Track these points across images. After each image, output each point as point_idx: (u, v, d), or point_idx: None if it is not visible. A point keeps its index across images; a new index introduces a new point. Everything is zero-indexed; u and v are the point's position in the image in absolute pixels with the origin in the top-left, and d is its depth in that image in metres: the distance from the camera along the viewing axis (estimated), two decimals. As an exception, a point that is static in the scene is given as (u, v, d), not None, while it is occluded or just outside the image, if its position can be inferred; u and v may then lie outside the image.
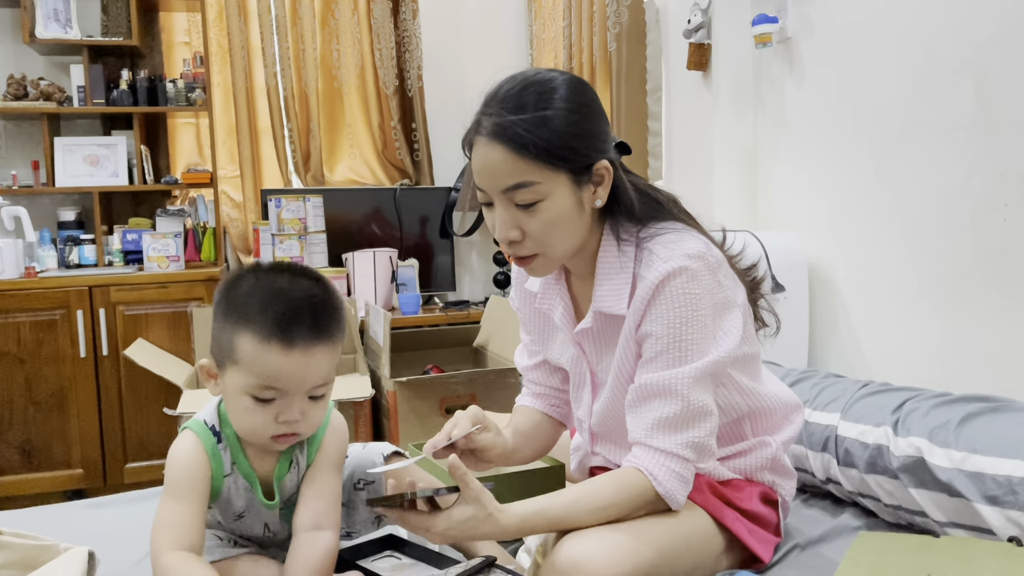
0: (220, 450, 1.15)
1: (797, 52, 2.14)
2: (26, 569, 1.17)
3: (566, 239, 1.18)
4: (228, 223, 3.59)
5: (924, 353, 1.77)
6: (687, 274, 1.14)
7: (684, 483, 1.15)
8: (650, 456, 1.14)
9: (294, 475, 1.19)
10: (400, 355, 3.00)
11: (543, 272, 1.23)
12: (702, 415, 1.15)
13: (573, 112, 1.13)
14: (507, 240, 1.17)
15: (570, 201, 1.15)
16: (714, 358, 1.15)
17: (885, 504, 1.41)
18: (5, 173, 3.34)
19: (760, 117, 2.34)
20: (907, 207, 1.80)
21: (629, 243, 1.20)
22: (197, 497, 1.11)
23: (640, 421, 1.17)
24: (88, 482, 3.08)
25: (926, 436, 1.34)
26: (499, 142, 1.12)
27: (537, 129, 1.11)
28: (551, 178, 1.13)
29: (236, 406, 1.10)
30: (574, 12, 3.22)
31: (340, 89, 3.70)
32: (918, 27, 1.75)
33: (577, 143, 1.13)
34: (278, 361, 1.05)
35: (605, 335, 1.26)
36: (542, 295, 1.33)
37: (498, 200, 1.16)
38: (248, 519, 1.20)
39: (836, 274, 2.03)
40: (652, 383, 1.15)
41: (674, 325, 1.14)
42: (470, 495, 1.08)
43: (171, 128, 3.59)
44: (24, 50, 3.35)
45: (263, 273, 1.11)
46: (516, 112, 1.12)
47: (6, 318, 2.97)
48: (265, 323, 1.05)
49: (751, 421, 1.30)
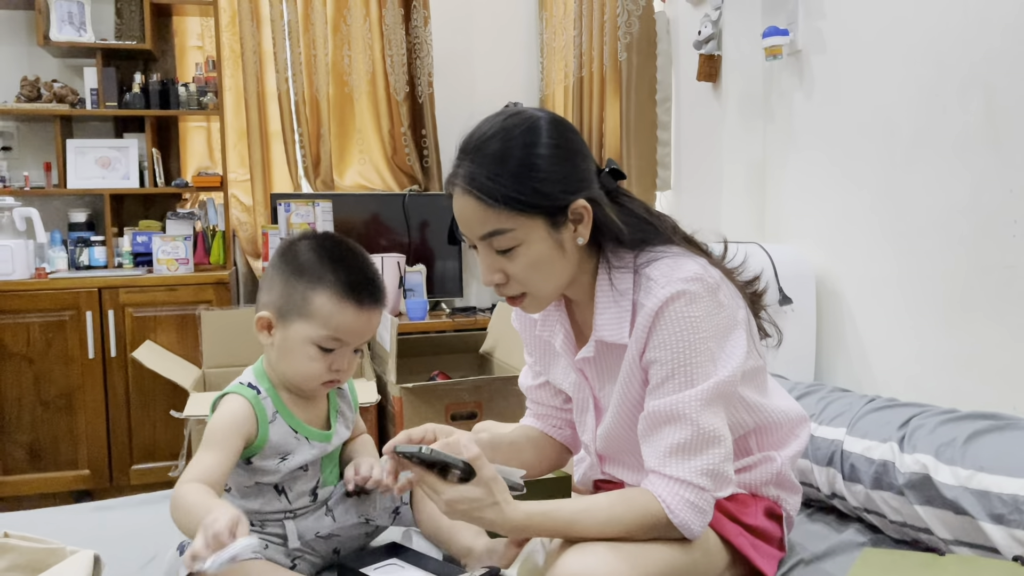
0: (261, 400, 1.28)
1: (807, 65, 2.14)
2: (33, 572, 1.18)
3: (550, 279, 1.18)
4: (238, 227, 3.60)
5: (931, 369, 1.76)
6: (686, 297, 1.13)
7: (699, 513, 1.12)
8: (664, 484, 1.13)
9: (342, 424, 1.38)
10: (406, 361, 3.00)
11: (535, 310, 1.23)
12: (714, 440, 1.13)
13: (543, 157, 1.13)
14: (491, 283, 1.19)
15: (547, 244, 1.15)
16: (720, 379, 1.14)
17: (890, 520, 1.41)
18: (17, 174, 3.37)
19: (769, 129, 2.34)
20: (915, 221, 1.80)
21: (626, 270, 1.20)
22: (230, 449, 1.23)
23: (653, 449, 1.16)
24: (94, 483, 3.09)
25: (932, 453, 1.34)
26: (469, 193, 1.13)
27: (503, 179, 1.11)
28: (524, 224, 1.13)
29: (298, 354, 1.26)
30: (585, 21, 3.23)
31: (351, 95, 3.72)
32: (928, 42, 1.75)
33: (547, 187, 1.13)
34: (350, 318, 1.24)
35: (607, 362, 1.25)
36: (542, 322, 1.34)
37: (479, 246, 1.18)
38: (291, 460, 1.29)
39: (843, 287, 2.03)
40: (661, 409, 1.14)
41: (678, 350, 1.13)
42: (482, 479, 1.08)
43: (182, 131, 3.61)
44: (38, 52, 3.38)
45: (320, 240, 1.29)
46: (484, 162, 1.13)
47: (16, 318, 2.99)
48: (340, 284, 1.24)
49: (757, 436, 1.30)
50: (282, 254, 1.30)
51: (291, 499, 1.31)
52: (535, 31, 3.95)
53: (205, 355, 2.93)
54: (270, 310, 1.28)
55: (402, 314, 3.47)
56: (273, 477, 1.29)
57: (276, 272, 1.29)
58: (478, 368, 3.16)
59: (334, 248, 1.28)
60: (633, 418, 1.22)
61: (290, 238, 1.32)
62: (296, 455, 1.29)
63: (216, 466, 1.20)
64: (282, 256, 1.29)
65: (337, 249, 1.28)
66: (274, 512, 1.31)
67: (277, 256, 1.30)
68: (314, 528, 1.33)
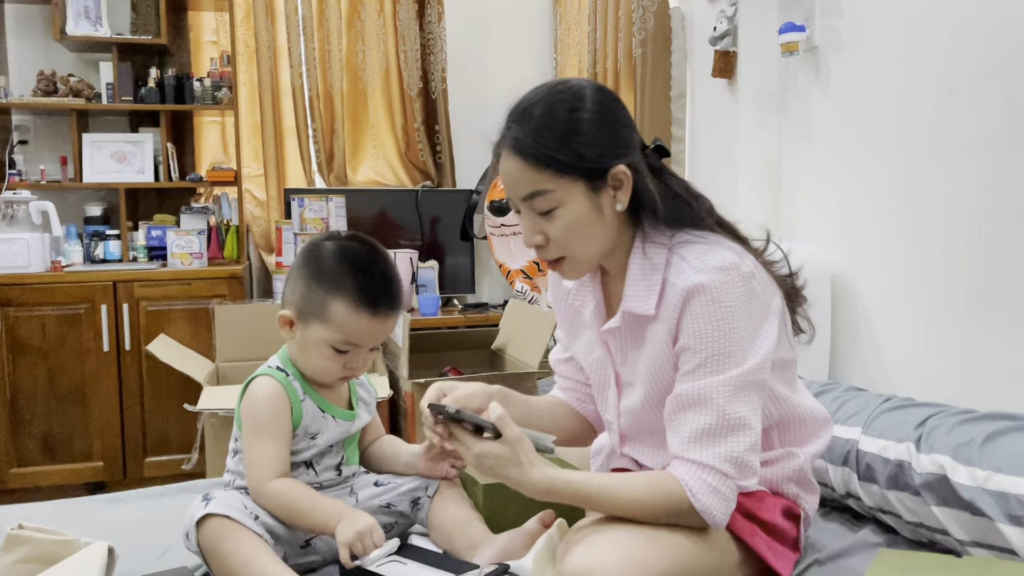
0: (291, 381, 1.34)
1: (824, 61, 2.13)
2: (47, 564, 1.19)
3: (589, 243, 1.21)
4: (251, 221, 3.61)
5: (948, 368, 1.74)
6: (720, 286, 1.14)
7: (723, 499, 1.12)
8: (687, 469, 1.14)
9: (363, 408, 1.44)
10: (418, 356, 3.00)
11: (574, 275, 1.26)
12: (739, 427, 1.13)
13: (585, 121, 1.17)
14: (532, 245, 1.23)
15: (587, 207, 1.18)
16: (748, 366, 1.14)
17: (906, 521, 1.40)
18: (34, 168, 3.39)
19: (785, 126, 2.32)
20: (933, 219, 1.78)
21: (661, 247, 1.21)
22: (284, 433, 1.31)
23: (677, 434, 1.16)
24: (108, 475, 3.11)
25: (950, 453, 1.32)
26: (513, 154, 1.18)
27: (547, 141, 1.16)
28: (564, 186, 1.17)
29: (314, 353, 1.32)
30: (599, 17, 3.22)
31: (364, 90, 3.72)
32: (946, 38, 1.73)
33: (588, 151, 1.16)
34: (364, 326, 1.30)
35: (632, 335, 1.26)
36: (576, 292, 1.37)
37: (521, 207, 1.22)
38: (320, 439, 1.36)
39: (859, 286, 2.01)
40: (688, 393, 1.15)
41: (710, 339, 1.14)
42: (507, 439, 1.12)
43: (197, 126, 3.62)
44: (55, 47, 3.40)
45: (343, 244, 1.33)
46: (529, 125, 1.17)
47: (31, 311, 3.01)
48: (357, 294, 1.28)
49: (780, 430, 1.29)
50: (306, 255, 1.34)
51: (318, 472, 1.37)
52: (549, 27, 3.94)
53: (218, 349, 2.94)
54: (291, 309, 1.33)
55: (414, 310, 3.48)
56: (304, 455, 1.35)
57: (299, 272, 1.33)
58: (489, 364, 3.15)
59: (355, 254, 1.32)
60: (659, 397, 1.23)
61: (316, 238, 1.37)
62: (324, 434, 1.36)
63: (283, 456, 1.30)
64: (306, 257, 1.34)
65: (358, 255, 1.32)
66: (312, 461, 1.36)
67: (301, 256, 1.35)
68: None
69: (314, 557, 1.34)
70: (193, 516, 1.25)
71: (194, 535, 1.24)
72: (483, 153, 3.83)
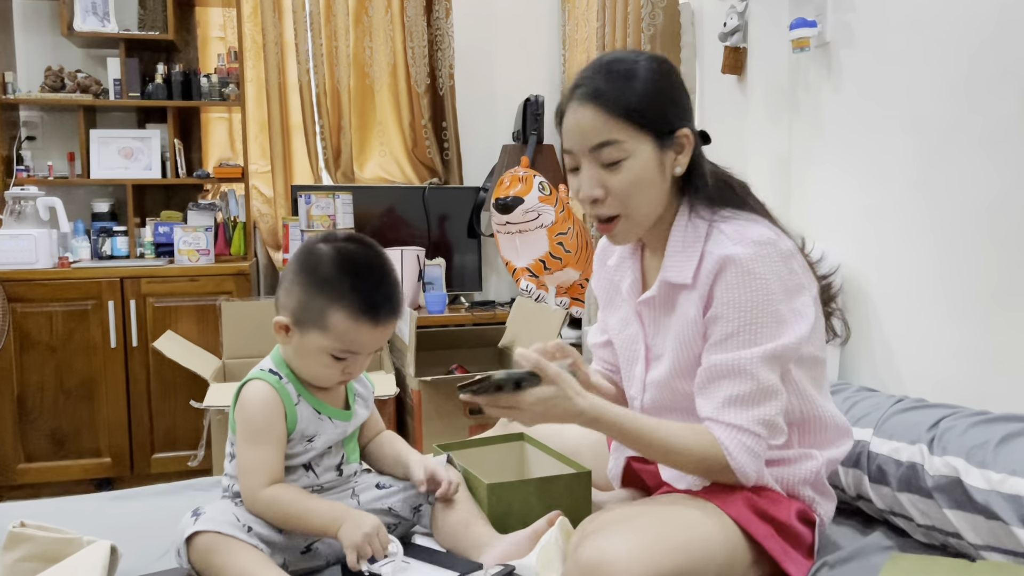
0: (284, 384, 1.30)
1: (835, 57, 2.10)
2: (49, 562, 1.18)
3: (646, 201, 1.25)
4: (258, 218, 3.61)
5: (961, 369, 1.72)
6: (755, 258, 1.18)
7: (755, 458, 1.18)
8: (722, 430, 1.18)
9: (361, 405, 1.41)
10: (425, 354, 2.99)
11: (624, 238, 1.29)
12: (771, 394, 1.18)
13: (658, 80, 1.24)
14: (591, 198, 1.25)
15: (652, 163, 1.23)
16: (785, 342, 1.18)
17: (918, 524, 1.38)
18: (42, 164, 3.39)
19: (795, 123, 2.29)
20: (946, 217, 1.76)
21: (702, 220, 1.26)
22: (277, 438, 1.27)
23: (710, 400, 1.20)
24: (115, 471, 3.11)
25: (963, 456, 1.30)
26: (589, 103, 1.22)
27: (624, 91, 1.21)
28: (635, 138, 1.22)
29: (312, 360, 1.29)
30: (608, 13, 3.19)
31: (372, 87, 3.71)
32: (960, 34, 1.71)
33: (663, 109, 1.23)
34: (365, 335, 1.27)
35: (666, 307, 1.30)
36: (616, 267, 1.42)
37: (585, 160, 1.25)
38: (317, 441, 1.33)
39: (870, 284, 1.99)
40: (721, 363, 1.18)
41: (745, 308, 1.18)
42: (548, 377, 1.15)
43: (204, 122, 3.62)
44: (62, 43, 3.40)
45: (340, 248, 1.28)
46: (610, 78, 1.23)
47: (39, 307, 3.01)
48: (356, 304, 1.25)
49: (800, 430, 1.29)
50: (302, 259, 1.30)
51: (318, 474, 1.34)
52: (557, 23, 3.92)
53: (225, 346, 2.94)
54: (287, 315, 1.29)
55: (421, 307, 3.47)
56: (302, 458, 1.32)
57: (295, 278, 1.29)
58: (496, 363, 3.14)
59: (354, 259, 1.27)
60: (686, 366, 1.26)
61: (311, 240, 1.32)
62: (321, 436, 1.33)
63: (276, 462, 1.27)
64: (302, 262, 1.29)
65: (357, 260, 1.27)
66: (302, 488, 1.32)
67: (297, 260, 1.30)
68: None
69: (317, 562, 1.32)
70: (183, 533, 1.23)
71: (185, 552, 1.22)
72: (491, 150, 3.82)
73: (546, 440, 1.59)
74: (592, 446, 1.58)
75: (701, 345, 1.24)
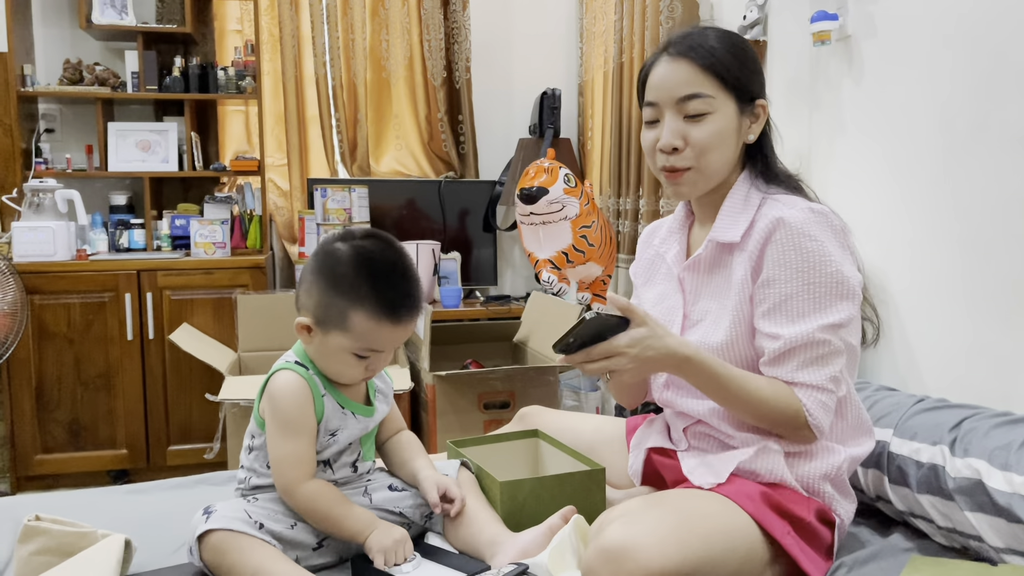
0: (312, 376, 1.31)
1: (857, 51, 2.07)
2: (64, 555, 1.18)
3: (719, 157, 1.31)
4: (274, 211, 3.61)
5: (984, 369, 1.69)
6: (809, 221, 1.23)
7: (829, 412, 1.25)
8: (800, 390, 1.24)
9: (382, 401, 1.41)
10: (440, 348, 2.99)
11: (689, 191, 1.34)
12: (838, 352, 1.24)
13: (745, 50, 1.33)
14: (671, 147, 1.30)
15: (732, 123, 1.31)
16: (850, 311, 1.23)
17: (938, 526, 1.35)
18: (60, 156, 3.41)
19: (816, 117, 2.26)
20: (969, 215, 1.73)
21: (758, 192, 1.33)
22: (310, 429, 1.28)
23: (784, 367, 1.25)
24: (132, 462, 3.13)
25: (985, 458, 1.28)
26: (685, 57, 1.30)
27: (716, 51, 1.29)
28: (722, 96, 1.29)
29: (335, 360, 1.29)
30: (626, 5, 3.17)
31: (388, 80, 3.70)
32: (986, 27, 1.67)
33: (747, 74, 1.31)
34: (386, 334, 1.27)
35: (712, 268, 1.35)
36: (662, 240, 1.48)
37: (669, 111, 1.31)
38: (340, 436, 1.33)
39: (891, 281, 1.96)
40: (791, 338, 1.22)
41: (800, 270, 1.22)
42: (639, 318, 1.20)
43: (221, 115, 3.62)
44: (81, 35, 3.41)
45: (359, 248, 1.27)
46: (706, 40, 1.31)
47: (57, 299, 3.03)
48: (378, 304, 1.25)
49: None
50: (320, 259, 1.29)
51: (335, 469, 1.34)
52: (575, 16, 3.89)
53: (241, 339, 2.94)
54: (308, 316, 1.29)
55: (436, 302, 3.46)
56: (324, 454, 1.32)
57: (314, 278, 1.28)
58: (511, 357, 3.13)
59: (372, 259, 1.27)
60: (729, 328, 1.28)
61: (329, 239, 1.31)
62: (344, 431, 1.33)
63: (311, 454, 1.28)
64: (320, 262, 1.29)
65: (375, 260, 1.27)
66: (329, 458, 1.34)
67: (316, 260, 1.30)
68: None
69: (328, 559, 1.32)
70: (194, 532, 1.22)
71: (197, 550, 1.22)
72: (507, 144, 3.81)
73: (561, 437, 1.58)
74: (607, 443, 1.57)
75: (747, 309, 1.28)
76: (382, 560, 1.22)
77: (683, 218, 1.46)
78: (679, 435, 1.40)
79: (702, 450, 1.37)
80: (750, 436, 1.29)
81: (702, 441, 1.37)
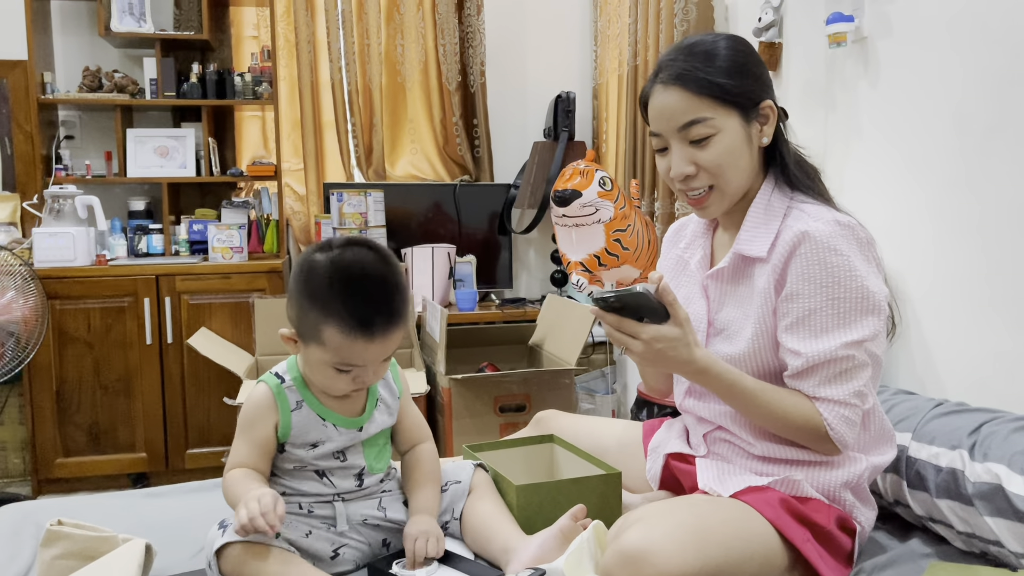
0: (285, 390, 1.30)
1: (873, 52, 2.06)
2: (86, 560, 1.20)
3: (737, 172, 1.29)
4: (291, 216, 3.64)
5: (1003, 372, 1.68)
6: (835, 235, 1.21)
7: (852, 426, 1.23)
8: (821, 405, 1.23)
9: (383, 411, 1.37)
10: (455, 351, 3.00)
11: (715, 210, 1.33)
12: (863, 366, 1.23)
13: (737, 56, 1.29)
14: (683, 176, 1.29)
15: (740, 136, 1.28)
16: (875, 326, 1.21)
17: (957, 531, 1.34)
18: (80, 163, 3.45)
19: (831, 120, 2.25)
20: (988, 217, 1.71)
21: (783, 198, 1.32)
22: (256, 439, 1.29)
23: (807, 381, 1.24)
24: (151, 466, 3.16)
25: (1005, 462, 1.27)
26: (676, 85, 1.27)
27: (711, 72, 1.26)
28: (722, 114, 1.26)
29: (317, 372, 1.27)
30: (640, 9, 3.16)
31: (403, 84, 3.72)
32: (1004, 28, 1.66)
33: (746, 84, 1.28)
34: (360, 349, 1.22)
35: (735, 280, 1.33)
36: (687, 245, 1.47)
37: (674, 140, 1.29)
38: (322, 448, 1.31)
39: (908, 284, 1.94)
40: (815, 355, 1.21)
41: (825, 284, 1.20)
42: (678, 319, 1.19)
43: (238, 121, 3.65)
44: (100, 43, 3.45)
45: (335, 259, 1.22)
46: (693, 59, 1.27)
47: (77, 304, 3.06)
48: (349, 319, 1.19)
49: None
50: (298, 270, 1.26)
51: (334, 483, 1.33)
52: (589, 19, 3.89)
53: (258, 343, 2.97)
54: (291, 328, 1.29)
55: (452, 305, 3.47)
56: (309, 464, 1.32)
57: (294, 289, 1.26)
58: (527, 360, 3.14)
59: (347, 270, 1.21)
60: (751, 340, 1.27)
61: (309, 249, 1.27)
62: (328, 442, 1.31)
63: (247, 454, 1.28)
64: (297, 273, 1.26)
65: (350, 271, 1.21)
66: (323, 495, 1.32)
67: (294, 271, 1.27)
68: (363, 514, 1.34)
69: (344, 567, 1.32)
70: (212, 546, 1.22)
71: (216, 564, 1.21)
72: (522, 147, 3.81)
73: (577, 441, 1.58)
74: (624, 447, 1.57)
75: (770, 320, 1.27)
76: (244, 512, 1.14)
77: (707, 222, 1.46)
78: (698, 440, 1.40)
79: (721, 456, 1.36)
80: (771, 446, 1.29)
81: (721, 447, 1.37)
